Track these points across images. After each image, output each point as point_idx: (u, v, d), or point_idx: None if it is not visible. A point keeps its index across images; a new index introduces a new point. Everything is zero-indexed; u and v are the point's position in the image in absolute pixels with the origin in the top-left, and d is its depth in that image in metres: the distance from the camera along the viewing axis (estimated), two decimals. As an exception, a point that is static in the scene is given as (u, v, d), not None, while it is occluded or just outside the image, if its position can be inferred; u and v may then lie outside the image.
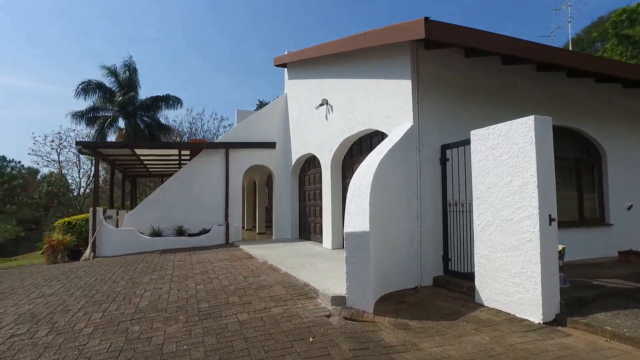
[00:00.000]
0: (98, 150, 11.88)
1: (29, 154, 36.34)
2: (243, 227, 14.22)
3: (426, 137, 6.37)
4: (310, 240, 11.57)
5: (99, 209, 10.96)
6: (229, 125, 33.11)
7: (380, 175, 5.50)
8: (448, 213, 6.27)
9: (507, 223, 4.81)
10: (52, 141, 29.11)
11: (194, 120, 32.83)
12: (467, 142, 5.67)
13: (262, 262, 7.92)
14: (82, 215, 12.14)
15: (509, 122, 4.85)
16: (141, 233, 11.42)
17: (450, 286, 5.91)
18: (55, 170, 32.38)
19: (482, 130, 5.25)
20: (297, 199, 12.82)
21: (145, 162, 16.10)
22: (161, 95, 27.39)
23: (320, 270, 6.60)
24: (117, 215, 14.87)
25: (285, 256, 8.42)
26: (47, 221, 31.49)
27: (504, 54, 6.41)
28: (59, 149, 29.23)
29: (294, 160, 12.35)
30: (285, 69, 13.80)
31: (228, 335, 3.96)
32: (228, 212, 12.42)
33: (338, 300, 4.82)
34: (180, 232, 11.85)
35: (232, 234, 12.31)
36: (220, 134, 32.53)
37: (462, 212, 5.93)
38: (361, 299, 4.77)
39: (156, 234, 11.60)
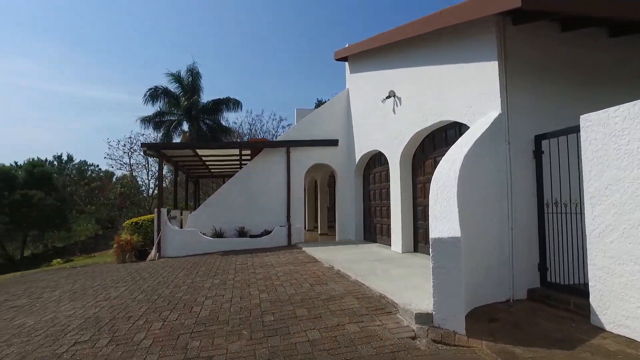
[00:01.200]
0: (162, 152, 11.99)
1: (104, 158, 38.87)
2: (305, 228, 13.83)
3: (516, 126, 5.43)
4: (376, 242, 10.85)
5: (163, 210, 11.01)
6: (288, 125, 33.11)
7: (465, 172, 4.69)
8: (545, 214, 5.28)
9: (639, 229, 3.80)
10: (124, 145, 30.86)
11: (253, 122, 33.14)
12: (571, 130, 4.68)
13: (328, 267, 7.34)
14: (148, 216, 12.35)
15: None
16: (203, 234, 11.33)
17: (551, 301, 4.94)
18: (127, 173, 34.35)
19: (597, 115, 4.24)
20: (361, 198, 12.14)
21: (207, 163, 16.22)
22: (222, 98, 27.98)
23: (394, 277, 5.88)
24: (181, 215, 15.07)
25: (352, 260, 7.78)
26: (121, 220, 33.41)
27: (618, 19, 5.30)
28: (130, 152, 30.92)
29: (357, 158, 11.69)
30: (346, 62, 13.18)
31: (298, 359, 3.38)
32: (290, 213, 12.03)
33: (423, 318, 4.08)
34: (241, 233, 11.64)
35: (295, 235, 11.90)
36: (280, 135, 32.65)
37: (564, 213, 4.94)
38: (451, 317, 4.00)
39: (218, 235, 11.46)
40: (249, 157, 14.12)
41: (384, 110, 9.66)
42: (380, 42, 9.39)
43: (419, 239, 8.68)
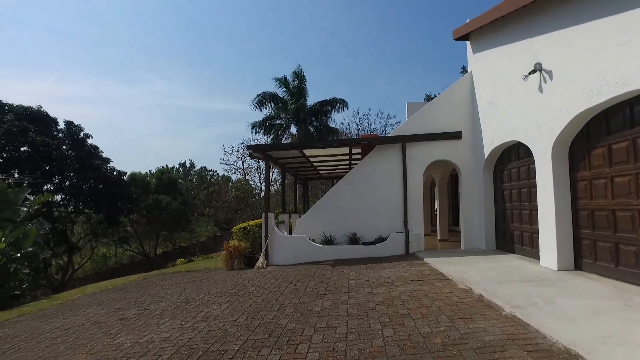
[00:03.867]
0: (268, 154, 11.48)
1: (220, 163, 41.45)
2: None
3: None
4: (514, 253, 8.89)
5: (271, 215, 10.45)
6: (397, 123, 31.54)
7: None
8: None
9: None
10: (238, 151, 32.38)
11: (360, 122, 32.34)
12: None
13: (464, 289, 5.81)
14: (256, 221, 12.00)
15: None
16: (312, 240, 10.51)
17: None
18: (241, 177, 36.08)
19: None
20: (492, 199, 10.21)
21: (315, 164, 15.57)
22: (328, 99, 27.63)
23: (571, 315, 4.16)
24: (290, 219, 14.61)
25: (493, 280, 6.13)
26: (237, 222, 35.18)
27: None
28: (243, 157, 32.32)
29: (487, 152, 9.81)
30: (467, 42, 11.32)
31: None
32: (407, 217, 10.61)
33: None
34: (353, 240, 10.56)
35: (413, 242, 10.44)
36: (388, 133, 31.22)
37: None
38: None
39: (328, 241, 10.54)
40: (359, 157, 13.03)
41: (524, 90, 7.75)
42: (514, 4, 7.54)
43: (583, 253, 6.63)
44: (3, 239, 10.31)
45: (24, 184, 20.79)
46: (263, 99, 27.20)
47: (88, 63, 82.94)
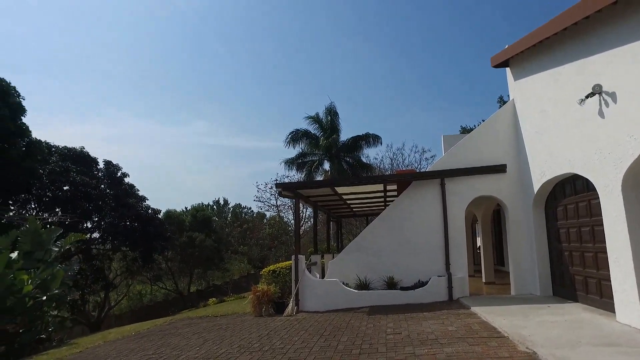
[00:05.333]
0: (298, 192, 10.93)
1: (254, 200, 41.57)
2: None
3: None
4: (577, 301, 7.72)
5: (301, 257, 9.76)
6: (432, 157, 30.64)
7: None
8: None
9: None
10: (271, 188, 32.24)
11: (394, 156, 31.61)
12: None
13: (526, 353, 4.80)
14: (286, 263, 11.35)
15: None
16: (346, 284, 9.69)
17: None
18: (275, 214, 35.78)
19: None
20: (544, 238, 9.13)
21: (348, 202, 14.92)
22: (361, 134, 27.38)
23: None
24: (323, 259, 13.88)
25: (561, 340, 5.12)
26: (270, 260, 34.60)
27: None
28: (276, 194, 32.11)
29: (536, 187, 8.85)
30: (507, 69, 10.62)
31: None
32: (449, 259, 9.65)
33: None
34: (390, 284, 9.65)
35: (456, 287, 9.42)
36: (424, 168, 30.28)
37: None
38: None
39: (363, 286, 9.68)
40: (395, 194, 12.29)
41: (579, 117, 6.90)
42: (562, 24, 6.85)
43: (671, 306, 5.51)
44: (30, 281, 10.13)
45: (67, 222, 21.33)
46: (296, 136, 27.21)
47: (134, 106, 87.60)
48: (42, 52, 75.00)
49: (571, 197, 8.00)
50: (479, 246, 15.15)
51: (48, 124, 70.63)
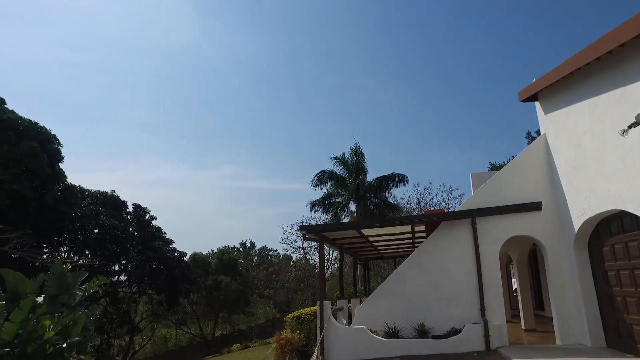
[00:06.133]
0: (322, 235, 10.59)
1: (279, 243, 41.31)
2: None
3: None
4: (638, 355, 6.89)
5: (326, 303, 9.27)
6: (460, 195, 29.92)
7: None
8: None
9: None
10: (297, 230, 31.98)
11: (421, 196, 31.05)
12: None
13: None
14: (311, 308, 10.86)
15: None
16: (374, 332, 9.09)
17: None
18: (301, 256, 35.29)
19: None
20: (590, 282, 8.38)
21: (375, 244, 14.43)
22: (387, 174, 27.06)
23: None
24: (349, 303, 13.30)
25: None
26: (296, 304, 33.74)
27: None
28: (302, 236, 31.77)
29: (577, 225, 8.24)
30: (536, 102, 10.30)
31: None
32: (484, 304, 8.96)
33: None
34: (421, 332, 8.99)
35: (494, 336, 8.66)
36: (452, 207, 29.47)
37: None
38: None
39: (391, 334, 9.05)
40: (423, 235, 11.80)
41: (623, 149, 6.44)
42: (595, 53, 6.57)
43: None
44: (52, 326, 10.03)
45: (95, 264, 21.60)
46: (322, 178, 27.18)
47: (165, 151, 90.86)
48: (90, 108, 79.87)
49: (619, 235, 7.36)
50: (515, 289, 14.20)
51: (89, 169, 73.84)
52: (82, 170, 74.15)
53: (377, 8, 69.46)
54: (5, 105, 20.56)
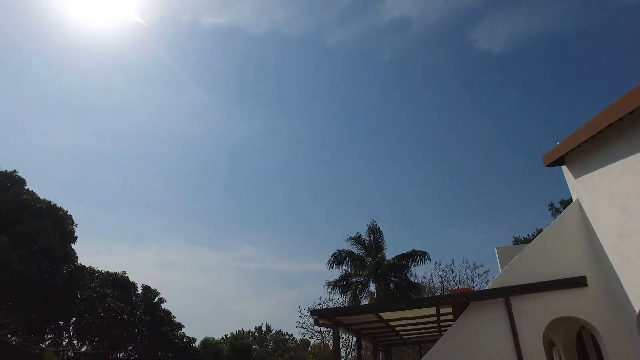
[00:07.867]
0: (336, 319, 9.41)
1: (296, 327, 39.06)
2: None
3: None
4: None
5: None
6: (484, 272, 27.98)
7: None
8: None
9: None
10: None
11: (444, 274, 29.18)
12: None
13: None
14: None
15: None
16: None
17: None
18: (318, 340, 32.78)
19: None
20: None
21: (396, 328, 12.95)
22: (406, 252, 25.80)
23: None
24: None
25: None
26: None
27: None
28: (314, 321, 29.76)
29: (637, 304, 6.96)
30: (563, 167, 9.52)
31: None
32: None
33: None
34: None
35: None
36: (478, 285, 27.38)
37: None
38: None
39: None
40: (449, 317, 10.45)
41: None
42: (630, 105, 5.91)
43: None
44: None
45: (100, 350, 20.26)
46: (339, 257, 26.09)
47: (186, 234, 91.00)
48: (113, 190, 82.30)
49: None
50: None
51: (107, 249, 73.85)
52: (100, 250, 74.13)
53: (402, 93, 71.78)
54: (26, 187, 20.92)
